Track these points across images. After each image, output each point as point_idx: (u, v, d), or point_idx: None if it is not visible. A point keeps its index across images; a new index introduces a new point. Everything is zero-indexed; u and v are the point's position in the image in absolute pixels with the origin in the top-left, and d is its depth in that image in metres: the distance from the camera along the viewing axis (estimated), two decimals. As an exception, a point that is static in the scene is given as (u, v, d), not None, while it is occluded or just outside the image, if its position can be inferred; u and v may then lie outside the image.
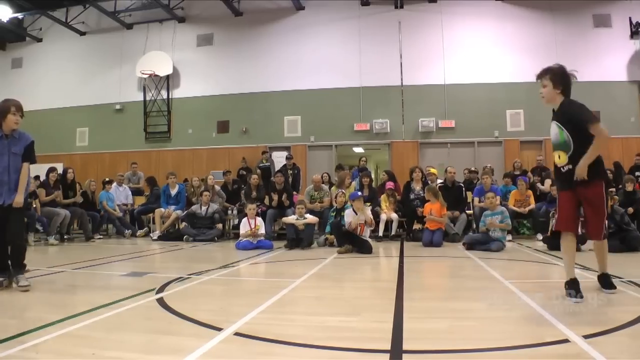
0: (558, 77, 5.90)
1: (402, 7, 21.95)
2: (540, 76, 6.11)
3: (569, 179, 5.56)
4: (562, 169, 5.67)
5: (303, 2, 22.63)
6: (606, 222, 5.74)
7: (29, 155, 6.75)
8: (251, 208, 12.73)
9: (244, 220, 12.55)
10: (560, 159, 5.68)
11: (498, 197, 12.93)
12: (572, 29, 20.84)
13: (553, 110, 6.00)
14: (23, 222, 7.13)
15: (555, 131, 5.81)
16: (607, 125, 16.52)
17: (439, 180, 15.33)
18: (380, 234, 13.93)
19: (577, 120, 5.63)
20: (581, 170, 5.34)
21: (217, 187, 16.45)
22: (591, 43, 20.62)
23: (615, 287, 5.90)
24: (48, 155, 22.70)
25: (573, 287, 5.53)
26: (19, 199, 6.46)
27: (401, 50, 21.45)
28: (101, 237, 15.58)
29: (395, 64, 21.36)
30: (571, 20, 20.91)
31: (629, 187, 14.01)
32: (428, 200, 13.02)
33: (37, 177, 15.98)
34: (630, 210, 13.05)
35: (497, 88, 20.69)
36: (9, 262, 6.57)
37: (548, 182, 14.71)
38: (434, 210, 12.66)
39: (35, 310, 5.15)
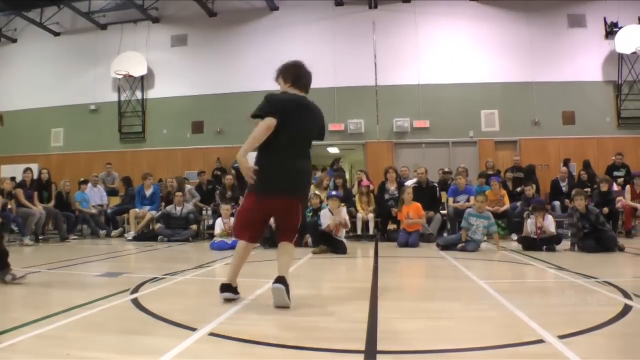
0: (283, 72, 5.70)
1: (376, 7, 21.99)
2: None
3: None
4: None
5: (277, 3, 22.61)
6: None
7: None
8: (225, 209, 12.72)
9: (218, 220, 12.56)
10: None
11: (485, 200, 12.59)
12: (547, 29, 21.01)
13: None
14: None
15: None
16: (583, 125, 16.63)
17: (412, 181, 15.35)
18: (359, 232, 14.01)
19: None
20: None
21: (189, 187, 16.43)
22: (566, 43, 20.81)
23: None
24: (23, 155, 22.67)
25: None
26: None
27: (375, 50, 21.49)
28: (76, 237, 15.51)
29: (370, 64, 21.39)
30: (546, 20, 21.06)
31: (604, 187, 14.17)
32: (403, 202, 13.01)
33: (13, 178, 15.89)
34: (606, 210, 13.20)
35: (472, 88, 20.79)
36: None
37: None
38: (412, 212, 12.65)
39: (10, 311, 5.13)
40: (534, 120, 20.54)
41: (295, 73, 5.64)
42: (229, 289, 5.41)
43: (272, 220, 6.75)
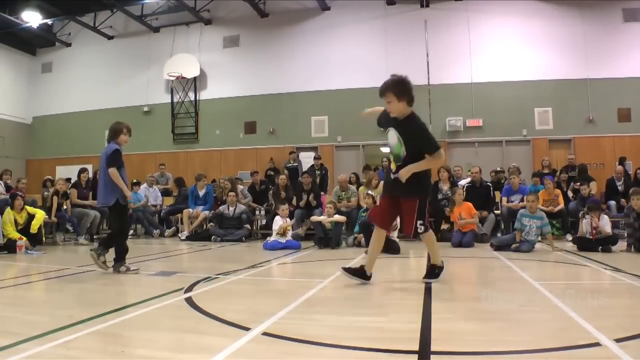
0: (398, 89, 6.13)
1: (427, 5, 21.87)
2: (382, 94, 6.20)
3: (393, 186, 6.39)
4: (391, 174, 6.40)
5: (328, 3, 22.65)
6: (417, 222, 6.42)
7: None
8: (284, 209, 12.81)
9: (277, 217, 12.62)
10: (392, 166, 6.31)
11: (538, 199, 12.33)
12: (601, 24, 20.50)
13: (390, 116, 6.34)
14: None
15: (394, 141, 6.30)
16: (639, 122, 16.02)
17: (466, 180, 15.22)
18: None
19: (420, 146, 6.25)
20: (405, 173, 6.08)
21: (241, 187, 16.49)
22: (621, 38, 20.29)
23: (435, 277, 6.66)
24: (78, 157, 23.13)
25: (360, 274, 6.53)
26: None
27: (428, 49, 21.37)
28: (130, 237, 15.67)
29: (422, 63, 21.26)
30: (600, 15, 20.56)
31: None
32: (454, 203, 12.92)
33: (68, 180, 16.20)
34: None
35: (525, 86, 20.53)
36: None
37: (594, 184, 14.72)
38: (464, 212, 12.55)
39: (66, 308, 5.21)
40: (589, 117, 20.15)
41: (412, 93, 6.26)
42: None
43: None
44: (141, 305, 5.21)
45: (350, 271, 6.58)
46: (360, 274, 6.53)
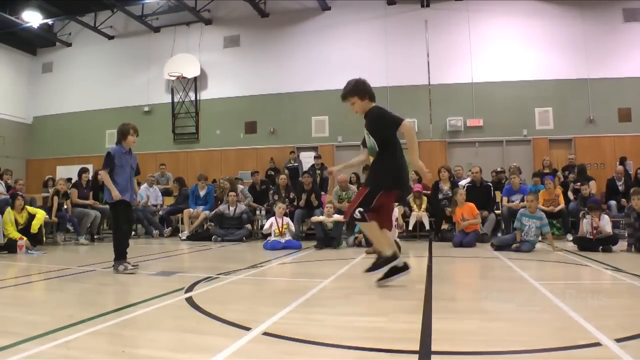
0: (360, 90, 6.45)
1: (428, 5, 21.86)
2: (344, 98, 6.54)
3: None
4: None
5: (329, 3, 22.65)
6: (356, 208, 6.30)
7: (138, 170, 9.21)
8: (281, 207, 12.79)
9: (272, 219, 12.61)
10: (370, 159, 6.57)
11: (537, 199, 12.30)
12: (602, 24, 20.49)
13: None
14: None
15: (367, 138, 6.58)
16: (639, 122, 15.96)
17: (466, 180, 15.20)
18: (410, 227, 13.97)
19: (382, 128, 6.41)
20: (422, 168, 6.32)
21: (241, 187, 16.48)
22: (622, 38, 20.28)
23: (376, 269, 6.54)
24: (79, 157, 23.14)
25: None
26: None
27: (428, 49, 21.37)
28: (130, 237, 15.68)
29: (422, 63, 21.28)
30: (600, 15, 20.56)
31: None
32: (456, 204, 12.90)
33: (69, 180, 16.21)
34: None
35: (526, 86, 20.52)
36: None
37: (593, 184, 14.72)
38: (466, 213, 12.54)
39: (66, 308, 5.20)
40: (589, 117, 20.15)
41: (371, 90, 6.55)
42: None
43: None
44: (142, 305, 5.21)
45: (383, 269, 6.55)
46: (389, 263, 6.57)
